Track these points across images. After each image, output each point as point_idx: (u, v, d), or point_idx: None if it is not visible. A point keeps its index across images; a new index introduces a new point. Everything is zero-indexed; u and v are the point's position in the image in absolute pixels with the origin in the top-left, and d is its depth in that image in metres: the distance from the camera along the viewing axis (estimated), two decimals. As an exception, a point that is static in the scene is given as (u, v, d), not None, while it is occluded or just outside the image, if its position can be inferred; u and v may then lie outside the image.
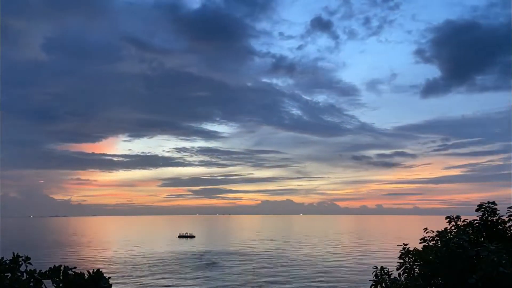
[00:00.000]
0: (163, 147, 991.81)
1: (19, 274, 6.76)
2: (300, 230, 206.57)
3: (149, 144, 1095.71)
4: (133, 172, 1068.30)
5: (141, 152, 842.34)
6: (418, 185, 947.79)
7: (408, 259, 10.21)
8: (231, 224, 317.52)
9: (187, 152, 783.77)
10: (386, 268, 10.50)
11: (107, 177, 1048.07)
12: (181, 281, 56.78)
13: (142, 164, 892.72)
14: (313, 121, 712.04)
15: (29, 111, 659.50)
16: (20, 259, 6.88)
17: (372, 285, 10.29)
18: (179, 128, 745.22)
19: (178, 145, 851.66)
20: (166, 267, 69.92)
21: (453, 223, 10.78)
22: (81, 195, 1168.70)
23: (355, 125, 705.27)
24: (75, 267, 6.98)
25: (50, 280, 6.74)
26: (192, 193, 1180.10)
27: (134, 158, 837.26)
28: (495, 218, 10.54)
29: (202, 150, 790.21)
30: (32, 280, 6.67)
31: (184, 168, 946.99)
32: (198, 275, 61.50)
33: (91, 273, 6.86)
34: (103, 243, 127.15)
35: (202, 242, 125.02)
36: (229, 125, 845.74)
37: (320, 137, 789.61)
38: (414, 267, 10.07)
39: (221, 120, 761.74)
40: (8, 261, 6.85)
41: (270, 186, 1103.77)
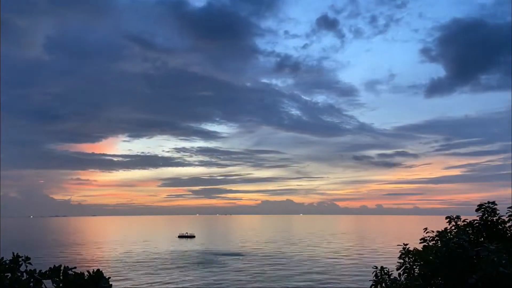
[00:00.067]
0: (163, 147, 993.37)
1: (19, 274, 6.75)
2: (300, 230, 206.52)
3: (149, 144, 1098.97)
4: (133, 172, 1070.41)
5: (141, 152, 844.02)
6: (418, 185, 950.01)
7: (408, 259, 10.21)
8: (231, 224, 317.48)
9: (187, 152, 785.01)
10: (386, 268, 10.49)
11: (107, 177, 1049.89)
12: (181, 281, 56.78)
13: (142, 164, 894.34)
14: (313, 121, 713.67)
15: (29, 111, 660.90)
16: (20, 259, 6.87)
17: (372, 285, 10.28)
18: (179, 128, 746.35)
19: (178, 145, 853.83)
20: (166, 267, 69.92)
21: (453, 223, 10.78)
22: (81, 195, 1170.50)
23: (355, 125, 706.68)
24: (75, 267, 6.98)
25: (50, 280, 6.74)
26: (192, 193, 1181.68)
27: (134, 158, 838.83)
28: (495, 218, 10.53)
29: (202, 150, 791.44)
30: (32, 280, 6.67)
31: (184, 168, 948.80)
32: (198, 275, 61.50)
33: (91, 273, 6.85)
34: (103, 243, 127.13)
35: (202, 242, 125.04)
36: (229, 125, 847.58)
37: (320, 137, 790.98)
38: (414, 267, 10.07)
39: (221, 120, 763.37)
40: (8, 261, 6.84)
41: (270, 186, 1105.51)
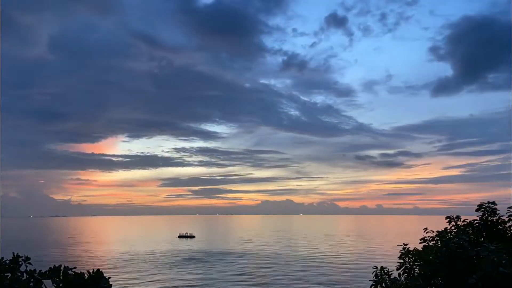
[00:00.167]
0: (162, 147, 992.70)
1: (19, 274, 6.75)
2: (300, 230, 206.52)
3: (148, 145, 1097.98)
4: (133, 172, 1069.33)
5: (141, 152, 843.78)
6: (418, 185, 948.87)
7: (408, 259, 10.22)
8: (231, 224, 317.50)
9: (187, 152, 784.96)
10: (386, 268, 10.50)
11: (107, 177, 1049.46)
12: (182, 281, 56.79)
13: (142, 164, 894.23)
14: (312, 122, 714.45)
15: (29, 111, 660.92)
16: (20, 259, 6.87)
17: (372, 285, 10.29)
18: (178, 129, 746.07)
19: (177, 146, 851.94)
20: (166, 266, 69.93)
21: (453, 223, 10.79)
22: (81, 195, 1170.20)
23: (353, 125, 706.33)
24: (75, 267, 6.98)
25: (50, 280, 6.74)
26: (192, 193, 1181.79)
27: (134, 158, 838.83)
28: (495, 218, 10.54)
29: (202, 150, 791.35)
30: (32, 280, 6.67)
31: (184, 168, 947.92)
32: (198, 275, 61.50)
33: (91, 273, 6.85)
34: (103, 243, 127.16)
35: (202, 242, 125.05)
36: (228, 126, 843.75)
37: (319, 137, 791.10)
38: (414, 267, 10.08)
39: (220, 121, 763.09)
40: (8, 261, 6.84)
41: (270, 186, 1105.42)
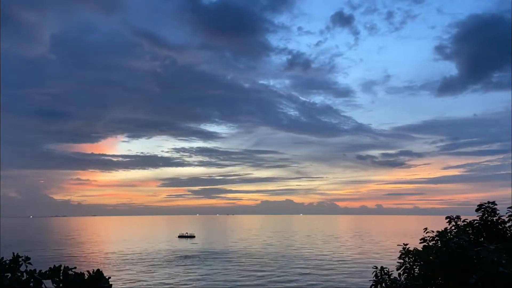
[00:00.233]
0: (162, 148, 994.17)
1: (19, 274, 6.76)
2: (301, 230, 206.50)
3: (148, 145, 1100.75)
4: (133, 172, 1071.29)
5: (140, 153, 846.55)
6: (418, 185, 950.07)
7: (408, 259, 10.22)
8: (231, 225, 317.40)
9: (186, 152, 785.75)
10: (386, 268, 10.50)
11: (107, 177, 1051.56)
12: (182, 281, 56.80)
13: (142, 165, 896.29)
14: (311, 122, 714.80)
15: (29, 111, 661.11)
16: (20, 259, 6.87)
17: (372, 285, 10.29)
18: (178, 129, 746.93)
19: (177, 146, 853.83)
20: (166, 267, 69.94)
21: (453, 223, 10.79)
22: (81, 195, 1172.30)
23: (352, 126, 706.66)
24: (75, 267, 6.98)
25: (50, 280, 6.74)
26: (192, 193, 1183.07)
27: (134, 159, 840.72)
28: (495, 218, 10.54)
29: (201, 151, 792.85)
30: (32, 280, 6.67)
31: (184, 168, 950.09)
32: (198, 275, 61.50)
33: (91, 273, 6.85)
34: (103, 243, 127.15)
35: (202, 242, 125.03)
36: (228, 126, 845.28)
37: (319, 138, 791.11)
38: (414, 267, 10.08)
39: (220, 121, 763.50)
40: (8, 261, 6.84)
41: (270, 186, 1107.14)
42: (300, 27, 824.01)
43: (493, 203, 10.65)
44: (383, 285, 10.10)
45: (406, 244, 10.46)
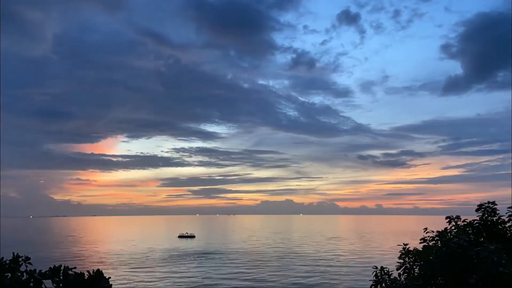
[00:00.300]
0: (162, 148, 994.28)
1: (19, 274, 6.76)
2: (300, 230, 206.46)
3: (147, 145, 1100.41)
4: (133, 172, 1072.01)
5: (140, 153, 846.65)
6: (418, 185, 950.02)
7: (408, 259, 10.22)
8: (232, 225, 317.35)
9: (186, 153, 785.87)
10: (386, 268, 10.50)
11: (107, 177, 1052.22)
12: (182, 281, 56.81)
13: (141, 165, 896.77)
14: (311, 122, 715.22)
15: (29, 111, 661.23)
16: (20, 259, 6.88)
17: (372, 285, 10.29)
18: (177, 129, 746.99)
19: (177, 146, 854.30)
20: (166, 267, 69.94)
21: (453, 223, 10.79)
22: (81, 195, 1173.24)
23: (352, 126, 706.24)
24: (75, 267, 6.98)
25: (50, 280, 6.74)
26: (192, 193, 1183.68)
27: (134, 159, 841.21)
28: (495, 218, 10.54)
29: (201, 151, 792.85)
30: (32, 280, 6.67)
31: (184, 168, 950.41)
32: (198, 275, 61.50)
33: (91, 273, 6.86)
34: (103, 243, 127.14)
35: (202, 242, 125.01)
36: (227, 126, 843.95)
37: (318, 138, 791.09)
38: (414, 267, 10.08)
39: (220, 121, 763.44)
40: (8, 261, 6.85)
41: (270, 186, 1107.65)
42: (306, 26, 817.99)
43: (493, 203, 10.64)
44: (383, 285, 10.10)
45: (406, 244, 10.46)
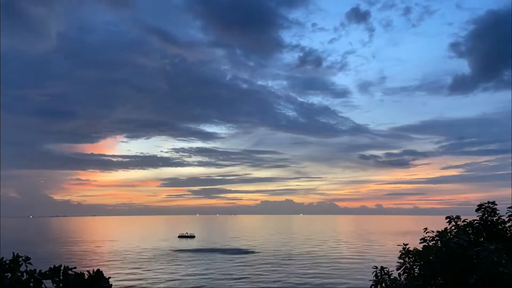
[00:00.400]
0: (161, 148, 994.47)
1: (19, 274, 6.76)
2: (300, 230, 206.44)
3: (147, 145, 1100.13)
4: (133, 172, 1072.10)
5: (140, 153, 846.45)
6: (418, 185, 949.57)
7: (408, 259, 10.22)
8: (232, 225, 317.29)
9: (186, 153, 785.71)
10: (386, 268, 10.50)
11: (107, 177, 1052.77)
12: (182, 280, 56.83)
13: (141, 165, 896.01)
14: (310, 122, 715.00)
15: (29, 111, 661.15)
16: (20, 259, 6.88)
17: (372, 285, 10.29)
18: (177, 129, 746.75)
19: (176, 146, 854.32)
20: (166, 266, 69.95)
21: (453, 223, 10.78)
22: (81, 195, 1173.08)
23: (350, 126, 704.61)
24: (75, 267, 6.98)
25: (50, 280, 6.74)
26: (192, 193, 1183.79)
27: (133, 159, 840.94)
28: (495, 218, 10.53)
29: (200, 151, 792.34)
30: (32, 280, 6.67)
31: (183, 169, 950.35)
32: (198, 274, 61.52)
33: (91, 273, 6.85)
34: (104, 243, 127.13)
35: (203, 242, 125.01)
36: (227, 126, 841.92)
37: (317, 138, 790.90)
38: (414, 267, 10.08)
39: (219, 121, 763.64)
40: (8, 261, 6.85)
41: (269, 186, 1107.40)
42: (315, 23, 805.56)
43: (493, 203, 10.64)
44: (383, 285, 10.10)
45: (406, 244, 10.46)
